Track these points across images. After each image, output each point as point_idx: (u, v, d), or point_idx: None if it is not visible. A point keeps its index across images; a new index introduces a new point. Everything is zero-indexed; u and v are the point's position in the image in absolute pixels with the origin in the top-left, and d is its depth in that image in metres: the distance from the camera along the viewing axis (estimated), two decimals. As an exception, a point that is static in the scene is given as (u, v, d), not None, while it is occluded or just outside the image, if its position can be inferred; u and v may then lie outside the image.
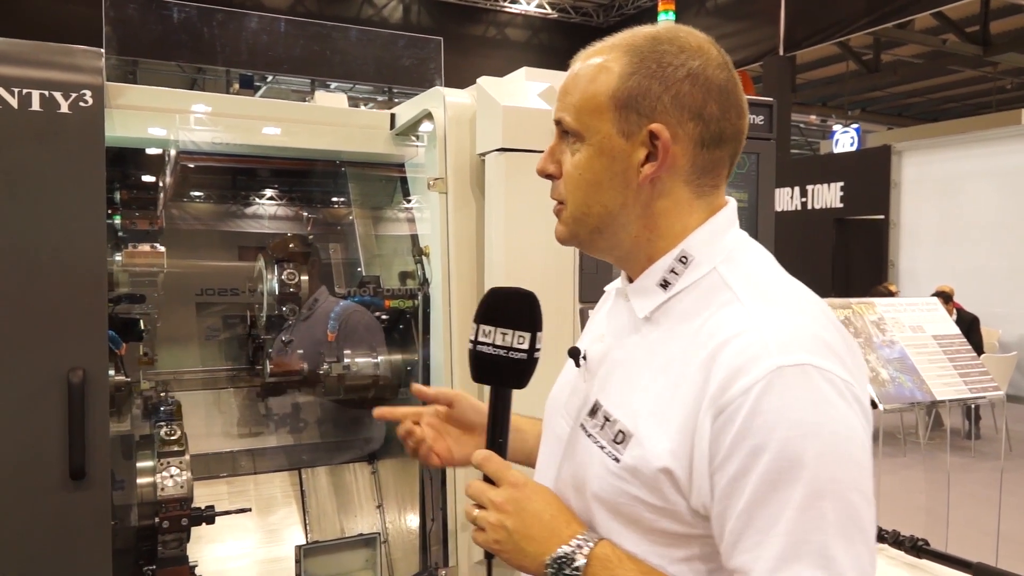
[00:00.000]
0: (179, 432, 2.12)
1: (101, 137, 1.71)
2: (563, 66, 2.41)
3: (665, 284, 1.02)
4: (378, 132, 2.50)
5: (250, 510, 2.42)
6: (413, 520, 2.60)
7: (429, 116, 2.20)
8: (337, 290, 3.03)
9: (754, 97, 2.25)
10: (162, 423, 2.18)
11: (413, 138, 2.49)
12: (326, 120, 2.41)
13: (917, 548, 2.07)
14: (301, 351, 2.80)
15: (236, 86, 13.47)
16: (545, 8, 16.01)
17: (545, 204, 1.99)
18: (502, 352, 1.05)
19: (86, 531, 1.68)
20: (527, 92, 2.05)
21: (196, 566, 2.19)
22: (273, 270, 2.90)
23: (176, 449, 2.08)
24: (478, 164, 2.09)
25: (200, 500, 2.19)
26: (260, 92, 14.75)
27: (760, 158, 2.20)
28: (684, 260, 1.02)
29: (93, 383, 1.66)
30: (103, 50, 1.76)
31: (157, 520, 2.04)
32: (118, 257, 2.44)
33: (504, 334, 1.05)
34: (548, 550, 0.96)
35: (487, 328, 1.07)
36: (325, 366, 2.51)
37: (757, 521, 0.86)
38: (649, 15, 15.09)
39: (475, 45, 15.42)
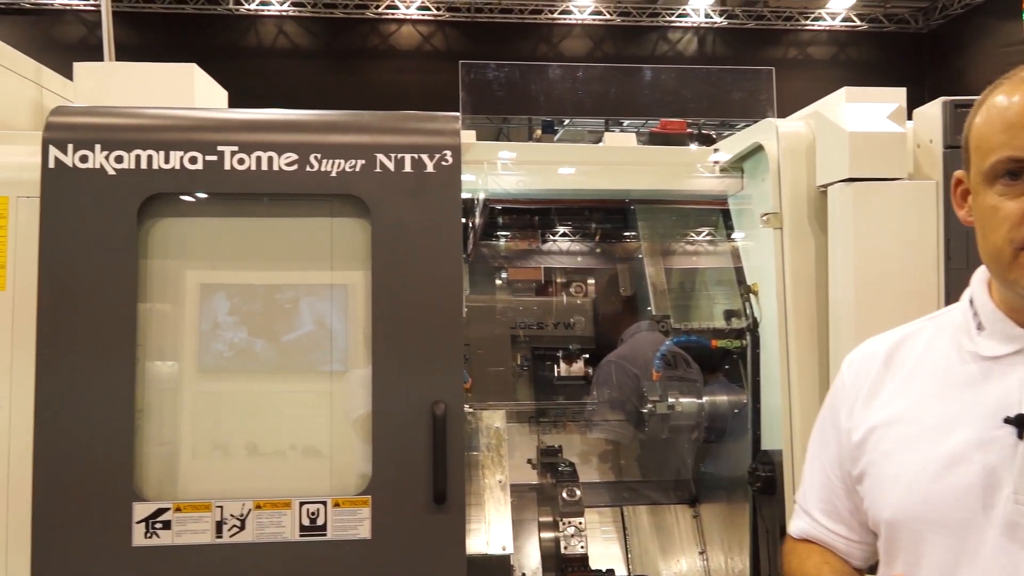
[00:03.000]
0: (578, 494, 2.25)
1: (458, 190, 1.89)
2: (877, 82, 2.18)
3: None
4: (699, 168, 2.46)
5: None
6: (739, 569, 2.48)
7: (759, 148, 2.12)
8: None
9: None
10: (564, 483, 2.35)
11: (710, 169, 2.42)
12: (653, 160, 2.43)
13: None
14: (610, 386, 2.85)
15: (539, 132, 14.37)
16: (853, 20, 14.90)
17: (901, 237, 1.82)
18: None
19: (446, 550, 1.83)
20: (874, 115, 1.88)
21: None
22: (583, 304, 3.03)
23: (576, 510, 2.23)
24: (817, 196, 1.96)
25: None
26: (558, 136, 15.57)
27: None
28: None
29: (452, 415, 1.82)
30: (459, 114, 1.95)
31: None
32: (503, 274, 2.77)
33: None
34: None
35: None
36: (648, 406, 2.51)
37: None
38: (979, 13, 13.36)
39: (775, 68, 14.81)
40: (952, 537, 1.00)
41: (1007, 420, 0.97)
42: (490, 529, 2.04)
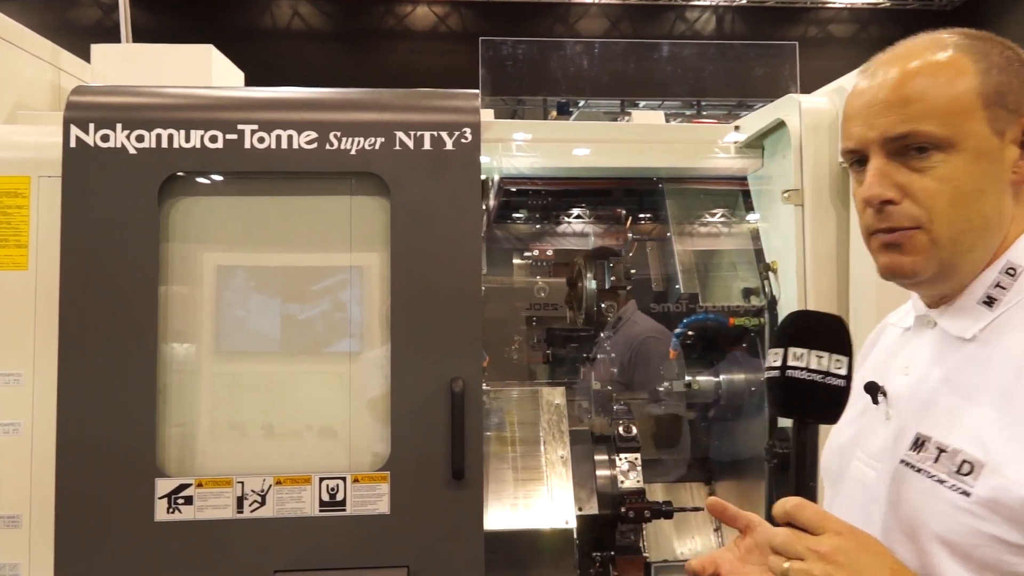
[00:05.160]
0: (634, 431, 2.25)
1: (478, 169, 1.89)
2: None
3: (990, 301, 0.96)
4: (720, 146, 2.44)
5: (703, 509, 2.49)
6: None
7: (781, 125, 2.10)
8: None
9: None
10: (619, 420, 2.33)
11: (729, 147, 2.40)
12: (673, 138, 2.41)
13: None
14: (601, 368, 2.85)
15: (554, 114, 14.30)
16: (875, -2, 14.66)
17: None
18: (818, 377, 0.94)
19: (464, 526, 1.84)
20: (897, 90, 1.85)
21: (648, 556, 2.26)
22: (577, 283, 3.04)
23: (633, 445, 2.22)
24: (840, 173, 1.94)
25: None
26: (573, 117, 15.48)
27: None
28: (1012, 272, 0.96)
29: (471, 392, 1.83)
30: (479, 91, 1.94)
31: (623, 510, 2.15)
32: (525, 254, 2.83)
33: (820, 357, 0.94)
34: None
35: (798, 351, 0.95)
36: (665, 384, 2.51)
37: None
38: (1006, -11, 13.10)
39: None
40: (831, 488, 1.13)
41: (864, 387, 1.03)
42: (553, 504, 2.06)
